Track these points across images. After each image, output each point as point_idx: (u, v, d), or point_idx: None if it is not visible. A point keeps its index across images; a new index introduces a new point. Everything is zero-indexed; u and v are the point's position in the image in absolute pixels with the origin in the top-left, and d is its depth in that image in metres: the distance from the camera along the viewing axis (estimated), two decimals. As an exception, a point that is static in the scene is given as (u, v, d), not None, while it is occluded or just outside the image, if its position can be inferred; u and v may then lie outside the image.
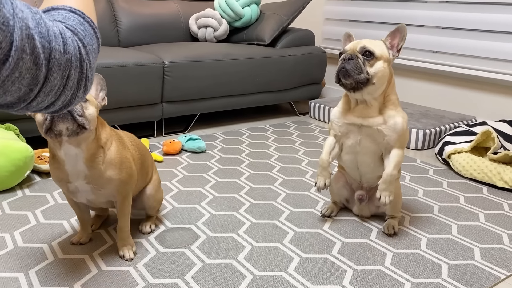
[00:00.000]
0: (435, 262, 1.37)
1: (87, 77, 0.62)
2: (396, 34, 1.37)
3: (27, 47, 0.50)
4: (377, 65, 1.35)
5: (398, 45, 1.38)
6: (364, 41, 1.37)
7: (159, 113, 2.51)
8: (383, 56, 1.36)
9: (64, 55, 0.56)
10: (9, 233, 1.46)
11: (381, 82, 1.36)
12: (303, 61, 2.99)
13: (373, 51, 1.34)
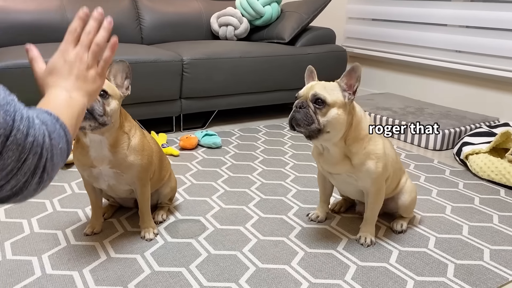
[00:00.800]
0: (442, 261, 1.35)
1: (45, 168, 0.59)
2: (352, 74, 1.25)
3: None
4: (330, 113, 1.23)
5: (354, 86, 1.26)
6: (317, 86, 1.26)
7: (178, 109, 2.56)
8: (336, 102, 1.24)
9: (26, 137, 0.55)
10: (27, 219, 1.53)
11: (336, 129, 1.25)
12: (322, 59, 2.99)
13: (324, 98, 1.22)
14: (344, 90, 1.26)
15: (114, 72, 1.28)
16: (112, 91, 1.23)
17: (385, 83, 3.42)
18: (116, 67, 1.28)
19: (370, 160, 1.32)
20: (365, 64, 3.54)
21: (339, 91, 1.25)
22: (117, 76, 1.28)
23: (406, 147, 2.48)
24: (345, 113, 1.26)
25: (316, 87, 1.25)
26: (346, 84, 1.26)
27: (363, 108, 2.62)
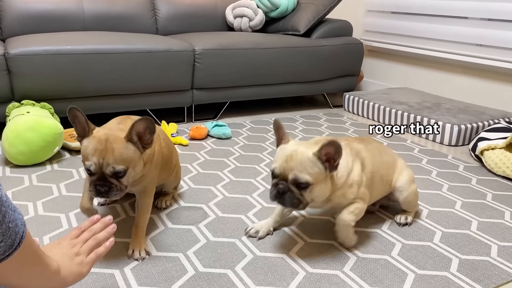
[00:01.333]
0: (446, 256, 1.31)
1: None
2: (330, 148, 1.13)
3: None
4: (315, 190, 1.17)
5: (335, 160, 1.16)
6: (294, 163, 1.14)
7: (189, 99, 2.56)
8: (319, 178, 1.16)
9: None
10: (33, 202, 1.55)
11: (322, 198, 1.22)
12: (338, 52, 2.94)
13: (306, 181, 1.14)
14: (323, 162, 1.15)
15: (137, 129, 1.13)
16: (129, 163, 1.13)
17: (402, 78, 3.35)
18: (139, 124, 1.12)
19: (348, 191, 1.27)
20: (383, 58, 3.48)
21: (318, 165, 1.15)
22: (143, 133, 1.15)
23: (421, 142, 2.42)
24: (329, 182, 1.20)
25: (294, 166, 1.14)
26: (325, 155, 1.15)
27: (377, 103, 2.56)
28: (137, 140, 1.15)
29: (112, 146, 1.11)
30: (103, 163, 1.11)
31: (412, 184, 1.48)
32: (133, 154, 1.14)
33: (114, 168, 1.11)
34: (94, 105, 2.30)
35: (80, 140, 1.15)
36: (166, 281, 1.14)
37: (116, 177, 1.12)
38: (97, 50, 2.19)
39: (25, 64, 2.05)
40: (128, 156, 1.13)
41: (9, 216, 0.65)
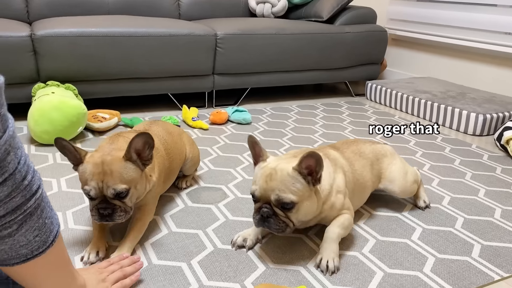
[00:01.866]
0: (467, 241, 1.28)
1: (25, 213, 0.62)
2: (310, 160, 1.05)
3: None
4: (301, 209, 1.08)
5: (317, 172, 1.07)
6: (275, 183, 1.05)
7: (210, 84, 2.57)
8: (304, 195, 1.07)
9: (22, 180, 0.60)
10: (56, 179, 1.58)
11: (311, 215, 1.14)
12: (361, 39, 2.90)
13: (291, 200, 1.05)
14: (305, 176, 1.07)
15: (136, 145, 1.10)
16: (130, 182, 1.10)
17: (426, 68, 3.29)
18: (139, 138, 1.09)
19: (337, 200, 1.19)
20: (407, 47, 3.41)
21: (299, 180, 1.06)
22: (142, 149, 1.12)
23: (444, 131, 2.37)
24: (315, 197, 1.12)
25: (275, 186, 1.05)
26: (306, 168, 1.06)
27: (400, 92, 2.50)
28: (137, 158, 1.12)
29: (109, 168, 1.07)
30: (102, 186, 1.07)
31: (406, 176, 1.41)
32: (133, 172, 1.11)
33: (115, 190, 1.07)
34: (117, 88, 2.32)
35: (76, 169, 1.12)
36: (186, 256, 1.16)
37: (118, 198, 1.09)
38: (120, 33, 2.21)
39: (50, 46, 2.08)
40: (128, 175, 1.09)
41: (46, 212, 0.66)
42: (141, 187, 1.16)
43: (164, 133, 1.42)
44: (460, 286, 1.08)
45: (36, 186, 0.63)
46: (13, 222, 0.61)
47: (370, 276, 1.11)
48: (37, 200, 0.63)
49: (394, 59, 3.53)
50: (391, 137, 2.22)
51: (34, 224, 0.64)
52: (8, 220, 0.60)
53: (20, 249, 0.64)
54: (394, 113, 2.70)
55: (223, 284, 1.05)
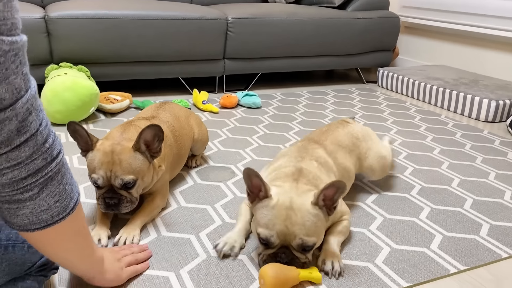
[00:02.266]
0: (476, 221, 1.28)
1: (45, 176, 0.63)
2: (331, 190, 0.96)
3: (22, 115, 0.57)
4: (317, 244, 0.99)
5: (334, 201, 0.98)
6: (298, 229, 0.94)
7: (221, 69, 2.57)
8: (322, 232, 1.00)
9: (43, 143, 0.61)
10: (69, 156, 1.61)
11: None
12: (374, 25, 2.88)
13: (313, 243, 0.97)
14: (321, 207, 0.98)
15: (146, 137, 1.09)
16: (138, 173, 1.09)
17: (439, 56, 3.25)
18: (148, 130, 1.08)
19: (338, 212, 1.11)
20: (419, 34, 3.38)
21: (320, 215, 0.97)
22: (151, 141, 1.11)
23: (455, 117, 2.35)
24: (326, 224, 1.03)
25: (298, 232, 0.94)
26: (324, 199, 0.97)
27: (412, 78, 2.46)
28: (145, 149, 1.11)
29: (119, 157, 1.07)
30: (110, 176, 1.07)
31: (384, 161, 1.40)
32: (142, 164, 1.10)
33: (122, 180, 1.07)
34: (128, 70, 2.34)
35: (84, 155, 1.11)
36: (194, 229, 1.17)
37: (125, 188, 1.09)
38: (132, 15, 2.23)
39: (63, 27, 2.10)
40: (136, 166, 1.09)
41: (67, 179, 0.67)
42: (148, 178, 1.15)
43: (172, 119, 1.41)
44: (467, 262, 1.09)
45: (57, 150, 0.64)
46: (34, 185, 0.62)
47: (376, 251, 1.11)
48: (58, 165, 0.64)
49: (406, 47, 3.49)
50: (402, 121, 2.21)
51: (54, 189, 0.65)
52: (30, 182, 0.61)
53: (41, 214, 0.65)
54: (405, 100, 2.68)
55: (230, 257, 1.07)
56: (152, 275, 0.98)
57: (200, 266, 1.02)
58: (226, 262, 1.04)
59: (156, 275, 0.99)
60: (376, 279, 1.01)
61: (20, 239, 0.78)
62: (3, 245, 0.75)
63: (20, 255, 0.77)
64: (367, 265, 1.05)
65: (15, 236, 0.77)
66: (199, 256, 1.06)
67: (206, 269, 1.02)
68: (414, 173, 1.60)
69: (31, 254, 0.79)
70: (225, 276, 0.99)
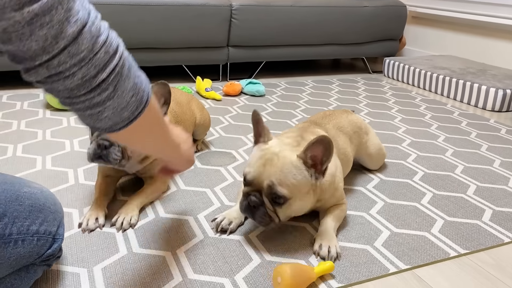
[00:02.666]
0: (478, 207, 1.26)
1: (113, 72, 0.61)
2: (318, 147, 0.95)
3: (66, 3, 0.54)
4: (292, 207, 0.98)
5: (322, 162, 0.97)
6: (273, 170, 0.95)
7: (225, 57, 2.56)
8: (300, 192, 0.97)
9: (99, 33, 0.58)
10: (70, 140, 1.61)
11: (300, 213, 1.04)
12: (380, 13, 2.85)
13: (283, 194, 0.95)
14: (309, 167, 0.97)
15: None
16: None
17: (446, 46, 3.21)
18: (156, 89, 1.09)
19: (336, 192, 1.12)
20: (427, 24, 3.33)
21: (303, 171, 0.96)
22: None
23: (462, 107, 2.32)
24: (312, 195, 1.01)
25: (272, 173, 0.95)
26: (311, 158, 0.97)
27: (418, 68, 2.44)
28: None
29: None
30: None
31: (381, 151, 1.44)
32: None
33: None
34: (131, 57, 2.33)
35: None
36: (192, 211, 1.17)
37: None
38: (133, 2, 2.21)
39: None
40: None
41: (134, 71, 0.66)
42: None
43: (173, 104, 1.41)
44: (468, 246, 1.07)
45: (115, 43, 0.61)
46: (107, 83, 0.61)
47: (376, 234, 1.10)
48: (122, 58, 0.62)
49: (413, 37, 3.45)
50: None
51: (127, 85, 0.64)
52: (101, 79, 0.60)
53: (122, 112, 0.64)
54: (411, 89, 2.65)
55: (228, 237, 1.06)
56: (148, 254, 0.98)
57: (197, 246, 1.02)
58: (223, 243, 1.03)
59: (153, 254, 0.98)
60: (374, 261, 0.99)
61: (30, 232, 0.78)
62: (13, 239, 0.75)
63: (29, 248, 0.77)
64: (365, 248, 1.04)
65: (26, 229, 0.77)
66: (196, 237, 1.05)
67: (202, 249, 1.01)
68: (417, 160, 1.58)
69: (39, 247, 0.79)
70: (221, 255, 0.99)
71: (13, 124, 1.73)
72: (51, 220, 0.82)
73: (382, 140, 1.76)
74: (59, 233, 0.84)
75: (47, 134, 1.65)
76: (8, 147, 1.51)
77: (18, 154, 1.46)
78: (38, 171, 1.35)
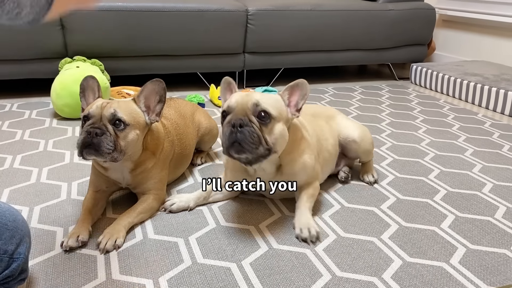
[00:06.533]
0: (508, 233, 1.11)
1: None
2: (296, 90, 1.07)
3: None
4: (276, 128, 1.02)
5: (298, 103, 1.08)
6: (255, 94, 1.03)
7: (241, 64, 2.47)
8: (282, 116, 1.04)
9: None
10: (70, 151, 1.55)
11: (282, 147, 1.06)
12: (406, 17, 2.69)
13: (269, 111, 1.00)
14: (286, 106, 1.07)
15: (146, 93, 1.10)
16: (132, 120, 1.05)
17: (479, 50, 3.01)
18: (151, 87, 1.10)
19: (301, 161, 1.13)
20: (458, 28, 3.15)
21: (282, 103, 1.06)
22: (150, 97, 1.10)
23: (495, 116, 2.14)
24: (289, 131, 1.08)
25: (256, 96, 1.01)
26: (288, 99, 1.08)
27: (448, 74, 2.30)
28: (145, 109, 1.11)
29: (118, 102, 1.07)
30: (105, 106, 1.04)
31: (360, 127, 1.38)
32: (138, 116, 1.08)
33: (115, 111, 1.02)
34: (144, 65, 2.28)
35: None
36: (184, 232, 1.07)
37: (114, 124, 1.02)
38: (147, 7, 2.16)
39: (77, 20, 2.07)
40: (133, 113, 1.06)
41: None
42: (139, 138, 1.08)
43: (177, 116, 1.34)
44: (493, 281, 0.93)
45: None
46: None
47: (386, 263, 0.97)
48: None
49: (444, 42, 3.27)
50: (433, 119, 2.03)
51: None
52: None
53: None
54: (440, 97, 2.48)
55: (219, 264, 0.96)
56: (128, 282, 0.89)
57: (182, 274, 0.92)
58: (212, 271, 0.93)
59: (133, 282, 0.89)
60: (380, 297, 0.87)
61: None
62: None
63: None
64: (371, 280, 0.92)
65: None
66: (183, 263, 0.96)
67: (188, 277, 0.91)
68: (440, 176, 1.43)
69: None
70: (208, 287, 0.89)
71: (17, 134, 1.69)
72: (7, 238, 0.75)
73: (401, 154, 1.62)
74: (20, 252, 0.77)
75: (49, 145, 1.60)
76: (6, 158, 1.47)
77: (15, 166, 1.41)
78: (30, 184, 1.29)
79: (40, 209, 1.16)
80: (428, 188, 1.35)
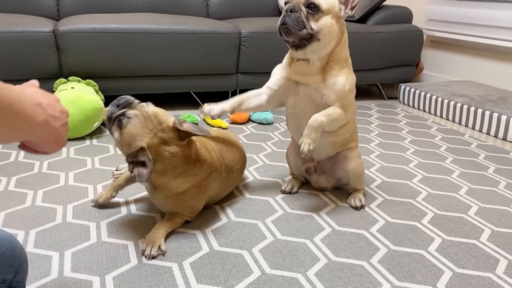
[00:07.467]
0: (492, 256, 1.15)
1: None
2: None
3: None
4: (323, 20, 1.18)
5: (353, 1, 1.20)
6: None
7: (234, 83, 2.51)
8: (331, 10, 1.19)
9: None
10: (65, 172, 1.57)
11: (327, 39, 1.20)
12: (395, 39, 2.76)
13: (318, 4, 1.17)
14: (341, 3, 1.21)
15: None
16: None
17: (466, 71, 3.09)
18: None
19: (342, 77, 1.25)
20: (446, 49, 3.23)
21: (336, 2, 1.20)
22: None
23: (481, 137, 2.20)
24: (337, 25, 1.21)
25: None
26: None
27: (435, 95, 2.37)
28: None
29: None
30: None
31: (360, 158, 1.42)
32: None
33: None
34: (138, 85, 2.31)
35: None
36: (177, 257, 1.09)
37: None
38: (142, 29, 2.20)
39: (72, 41, 2.10)
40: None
41: None
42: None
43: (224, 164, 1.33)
44: (478, 305, 0.96)
45: None
46: None
47: None
48: None
49: (432, 62, 3.35)
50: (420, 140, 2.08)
51: None
52: None
53: None
54: (427, 117, 2.54)
55: None
56: (123, 308, 0.91)
57: (177, 299, 0.94)
58: (205, 296, 0.96)
59: (128, 308, 0.91)
60: (370, 322, 0.90)
61: None
62: None
63: None
64: (361, 305, 0.95)
65: None
66: (177, 286, 0.98)
67: (182, 303, 0.93)
68: (428, 199, 1.47)
69: None
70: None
71: (12, 155, 1.71)
72: (6, 267, 0.76)
73: (390, 175, 1.66)
74: (18, 280, 0.78)
75: (43, 166, 1.61)
76: (1, 180, 1.48)
77: (10, 188, 1.43)
78: (26, 207, 1.31)
79: (35, 233, 1.18)
80: (416, 211, 1.39)
